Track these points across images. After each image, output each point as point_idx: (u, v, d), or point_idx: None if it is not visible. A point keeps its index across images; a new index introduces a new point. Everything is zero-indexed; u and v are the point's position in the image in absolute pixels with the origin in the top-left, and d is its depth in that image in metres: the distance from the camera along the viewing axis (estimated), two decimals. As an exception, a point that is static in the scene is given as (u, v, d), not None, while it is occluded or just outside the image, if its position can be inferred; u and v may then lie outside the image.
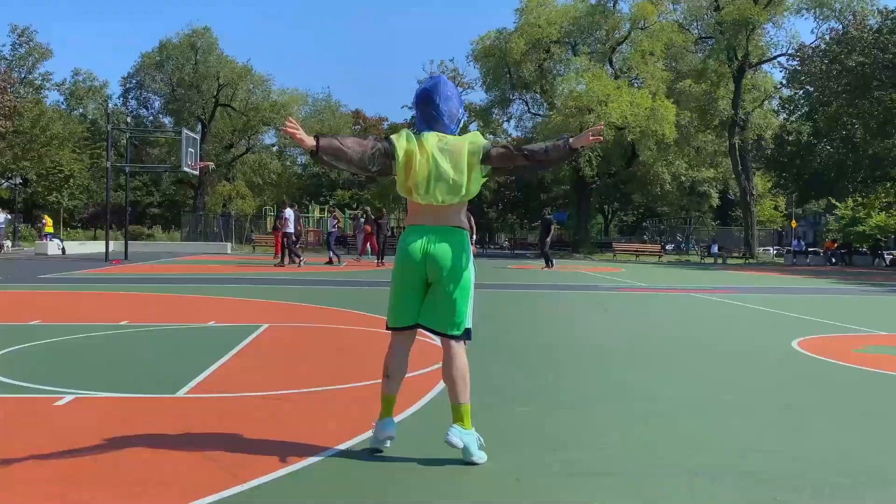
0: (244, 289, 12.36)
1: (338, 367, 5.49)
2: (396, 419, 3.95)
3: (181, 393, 4.48)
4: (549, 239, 22.46)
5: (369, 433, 3.65)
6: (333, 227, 24.20)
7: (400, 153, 3.24)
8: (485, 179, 3.38)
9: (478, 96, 71.85)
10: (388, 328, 3.44)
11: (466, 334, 3.31)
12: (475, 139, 3.34)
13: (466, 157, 3.25)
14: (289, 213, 19.66)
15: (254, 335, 6.88)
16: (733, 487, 2.99)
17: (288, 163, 56.58)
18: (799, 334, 7.89)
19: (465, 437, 3.18)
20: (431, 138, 3.27)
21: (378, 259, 21.77)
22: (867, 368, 5.91)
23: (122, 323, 7.54)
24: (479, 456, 3.19)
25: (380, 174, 3.37)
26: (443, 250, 3.24)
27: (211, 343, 6.40)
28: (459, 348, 3.28)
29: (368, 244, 23.24)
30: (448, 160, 3.24)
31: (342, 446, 3.43)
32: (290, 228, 19.47)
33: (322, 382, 4.86)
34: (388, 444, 3.36)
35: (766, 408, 4.48)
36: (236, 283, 13.51)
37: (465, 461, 3.17)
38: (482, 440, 3.25)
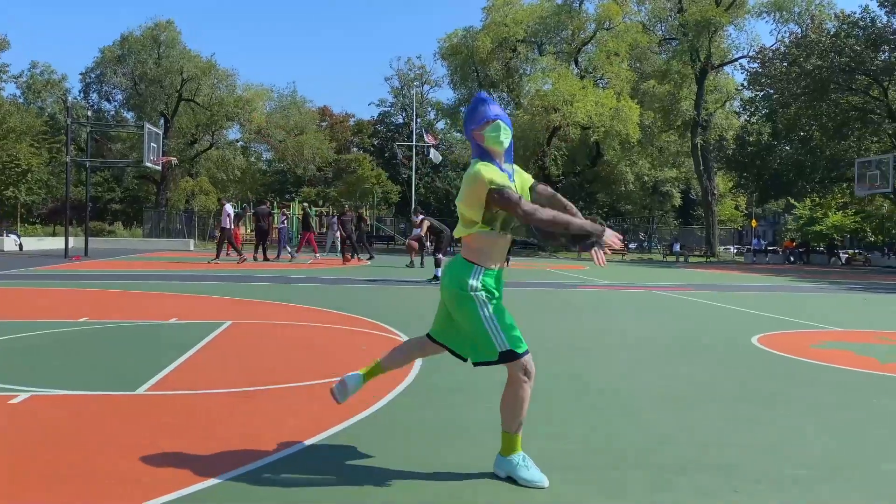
0: (207, 285, 12.20)
1: (301, 363, 5.45)
2: (358, 417, 3.94)
3: (141, 390, 4.40)
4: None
5: (332, 430, 3.64)
6: (282, 222, 23.87)
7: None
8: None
9: (445, 94, 71.98)
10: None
11: (504, 357, 2.99)
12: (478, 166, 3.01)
13: (471, 186, 3.00)
14: (228, 208, 19.56)
15: (216, 332, 6.80)
16: (695, 480, 3.04)
17: (252, 159, 55.98)
18: (758, 330, 8.04)
19: (504, 465, 3.02)
20: None
21: (344, 256, 21.50)
22: (824, 363, 6.04)
23: (82, 320, 7.40)
24: (532, 480, 2.94)
25: None
26: (446, 283, 3.11)
27: (172, 340, 6.31)
28: (512, 374, 3.05)
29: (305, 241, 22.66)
30: None
31: (303, 443, 3.40)
32: (228, 224, 19.32)
33: (284, 379, 4.82)
34: (341, 393, 3.40)
35: (727, 402, 4.55)
36: (199, 280, 13.32)
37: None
38: (526, 461, 3.01)
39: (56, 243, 28.52)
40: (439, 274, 14.76)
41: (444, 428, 3.79)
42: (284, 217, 25.59)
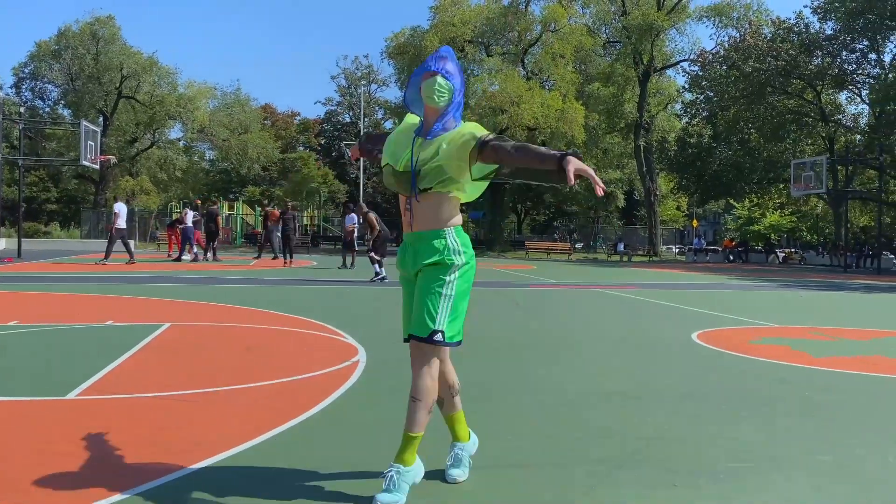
0: (146, 287, 11.88)
1: (243, 366, 5.33)
2: (302, 417, 3.87)
3: (72, 395, 4.24)
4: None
5: (273, 432, 3.55)
6: (193, 220, 22.75)
7: None
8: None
9: (392, 94, 71.67)
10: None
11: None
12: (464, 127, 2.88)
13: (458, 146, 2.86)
14: (119, 207, 18.75)
15: (154, 334, 6.62)
16: (635, 475, 3.06)
17: (196, 158, 54.85)
18: (698, 327, 8.20)
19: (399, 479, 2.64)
20: None
21: (285, 257, 20.71)
22: (761, 359, 6.19)
23: (11, 323, 7.12)
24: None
25: None
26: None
27: (108, 343, 6.11)
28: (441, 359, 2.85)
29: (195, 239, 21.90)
30: None
31: (243, 447, 3.31)
32: (122, 224, 18.60)
33: (226, 382, 4.70)
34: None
35: (667, 398, 4.61)
36: (138, 282, 12.97)
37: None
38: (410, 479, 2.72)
39: (-13, 245, 27.44)
40: (383, 272, 14.65)
41: (386, 428, 3.74)
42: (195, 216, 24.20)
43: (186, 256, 21.05)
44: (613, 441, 3.57)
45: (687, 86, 43.01)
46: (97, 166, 24.61)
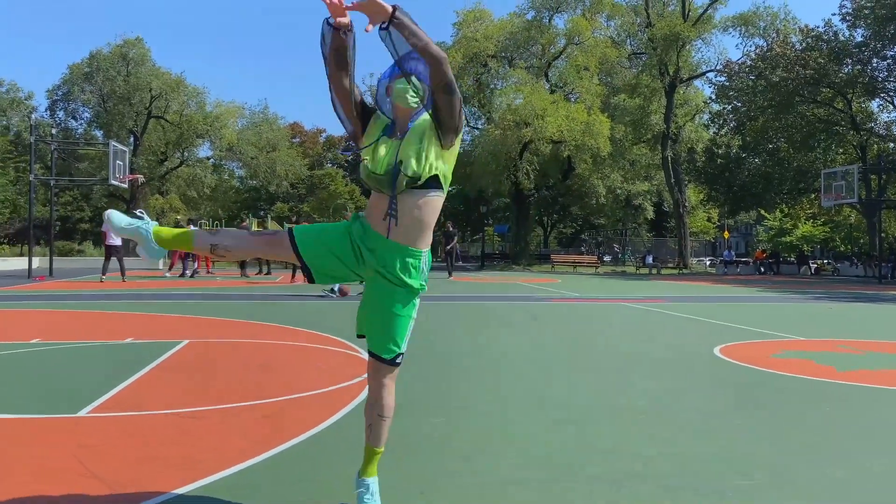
0: (170, 305, 12.00)
1: (256, 382, 5.34)
2: (304, 436, 3.86)
3: (83, 412, 4.28)
4: (449, 248, 23.86)
5: (276, 449, 3.55)
6: None
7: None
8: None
9: (417, 110, 71.94)
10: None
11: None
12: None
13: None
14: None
15: (172, 351, 6.67)
16: (634, 493, 2.99)
17: (226, 176, 55.55)
18: (722, 341, 8.06)
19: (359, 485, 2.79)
20: None
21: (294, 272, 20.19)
22: (781, 373, 6.05)
23: (33, 341, 7.22)
24: None
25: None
26: None
27: (125, 360, 6.16)
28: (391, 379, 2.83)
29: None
30: None
31: (245, 464, 3.31)
32: (117, 241, 18.57)
33: (237, 398, 4.71)
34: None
35: (679, 413, 4.52)
36: (160, 300, 13.11)
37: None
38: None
39: (22, 263, 27.98)
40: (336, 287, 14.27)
41: (392, 442, 3.71)
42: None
43: (187, 272, 21.61)
44: (615, 458, 3.50)
45: (714, 96, 42.62)
46: (126, 185, 25.01)
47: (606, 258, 50.30)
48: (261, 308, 11.59)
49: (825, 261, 45.92)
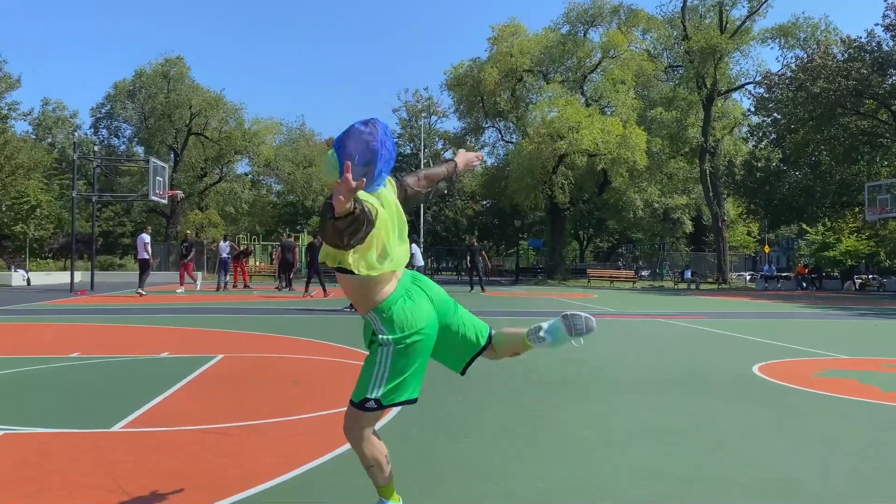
0: (206, 319, 12.13)
1: (288, 398, 5.34)
2: (330, 455, 3.83)
3: (116, 427, 4.31)
4: (476, 264, 23.83)
5: (305, 467, 3.52)
6: (227, 252, 23.35)
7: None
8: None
9: (451, 124, 72.42)
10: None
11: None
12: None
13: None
14: (144, 238, 19.06)
15: (206, 366, 6.71)
16: (671, 519, 2.90)
17: (264, 191, 56.31)
18: (761, 359, 7.86)
19: None
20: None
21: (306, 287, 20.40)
22: (823, 392, 5.87)
23: (73, 355, 7.33)
24: None
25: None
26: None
27: (160, 375, 6.22)
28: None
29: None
30: None
31: (273, 482, 3.29)
32: (145, 254, 18.84)
33: (268, 415, 4.71)
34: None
35: (718, 434, 4.40)
36: (198, 314, 13.26)
37: None
38: None
39: (65, 278, 28.63)
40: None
41: (421, 463, 3.66)
42: (229, 245, 24.68)
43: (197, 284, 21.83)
44: (653, 480, 3.41)
45: (753, 108, 42.02)
46: (165, 201, 25.49)
47: (644, 273, 49.71)
48: (296, 323, 11.64)
49: (870, 276, 44.75)
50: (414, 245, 17.73)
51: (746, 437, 4.35)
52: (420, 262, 17.39)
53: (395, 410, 4.84)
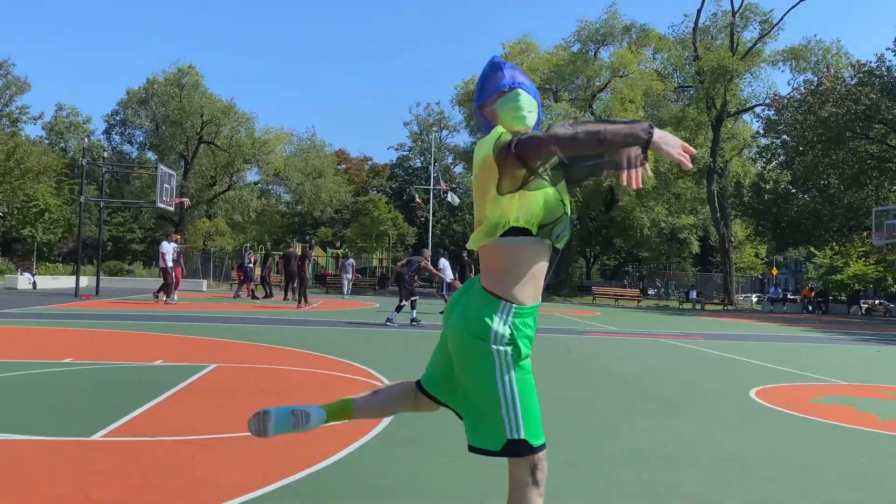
0: (204, 327, 12.10)
1: (273, 410, 5.29)
2: (309, 471, 3.78)
3: (97, 436, 4.27)
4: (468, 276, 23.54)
5: (278, 483, 3.48)
6: (248, 262, 23.67)
7: None
8: (512, 195, 2.14)
9: (462, 139, 72.57)
10: None
11: (513, 449, 2.17)
12: (485, 140, 2.25)
13: (478, 172, 2.24)
14: (166, 246, 18.26)
15: (197, 375, 6.68)
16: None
17: (273, 201, 56.50)
18: (759, 383, 7.78)
19: None
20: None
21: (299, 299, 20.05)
22: (818, 419, 5.79)
23: (65, 361, 7.31)
24: None
25: None
26: (456, 323, 2.24)
27: (150, 383, 6.18)
28: (516, 475, 2.23)
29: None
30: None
31: (248, 496, 3.24)
32: (169, 262, 18.13)
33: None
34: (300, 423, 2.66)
35: (708, 459, 4.33)
36: (198, 321, 13.24)
37: None
38: None
39: (72, 282, 28.68)
40: (416, 316, 14.51)
41: (396, 489, 3.61)
42: (250, 256, 24.86)
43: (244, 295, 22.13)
44: (633, 507, 3.35)
45: (762, 130, 41.95)
46: (172, 208, 25.57)
47: (650, 292, 49.50)
48: (297, 334, 11.60)
49: (877, 301, 44.42)
50: (443, 259, 17.67)
51: (734, 463, 4.28)
52: (450, 275, 17.25)
53: (379, 427, 4.79)
